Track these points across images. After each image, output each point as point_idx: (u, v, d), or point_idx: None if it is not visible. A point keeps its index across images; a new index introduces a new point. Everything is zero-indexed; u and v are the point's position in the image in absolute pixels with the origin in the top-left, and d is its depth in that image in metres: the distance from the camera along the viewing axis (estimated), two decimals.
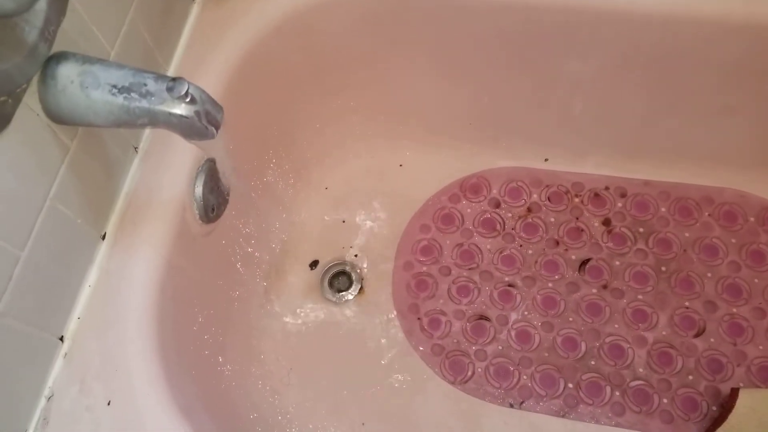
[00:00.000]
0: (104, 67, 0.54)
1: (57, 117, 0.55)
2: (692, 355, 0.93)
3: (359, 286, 1.00)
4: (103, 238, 0.65)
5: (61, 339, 0.60)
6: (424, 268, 1.01)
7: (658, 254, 1.00)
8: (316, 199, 1.05)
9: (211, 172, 0.74)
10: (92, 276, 0.63)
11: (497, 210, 1.04)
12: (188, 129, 0.54)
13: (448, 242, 1.03)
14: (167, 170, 0.70)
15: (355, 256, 1.02)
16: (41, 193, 0.55)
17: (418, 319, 0.98)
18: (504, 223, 1.04)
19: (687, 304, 0.97)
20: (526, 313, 0.97)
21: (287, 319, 0.97)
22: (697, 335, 0.95)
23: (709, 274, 0.98)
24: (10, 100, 0.48)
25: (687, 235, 1.01)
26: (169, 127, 0.54)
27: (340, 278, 1.01)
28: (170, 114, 0.53)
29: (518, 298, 0.98)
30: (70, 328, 0.61)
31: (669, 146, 1.01)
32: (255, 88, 0.84)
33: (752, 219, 1.00)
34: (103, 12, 0.61)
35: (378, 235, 1.03)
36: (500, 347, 0.95)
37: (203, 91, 0.55)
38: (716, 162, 1.01)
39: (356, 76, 0.96)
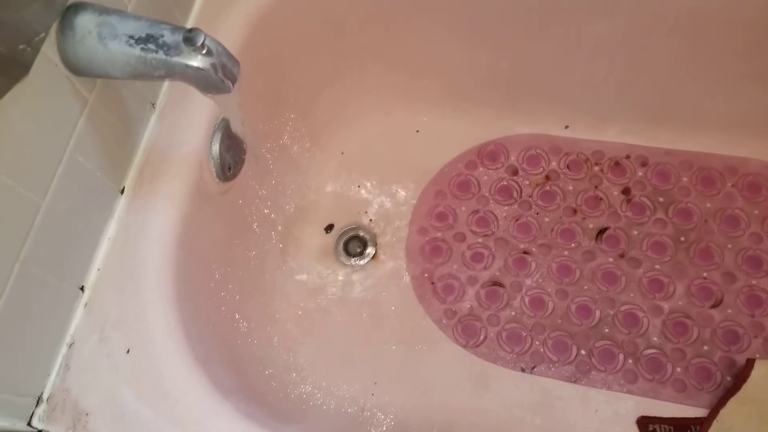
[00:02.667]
0: (121, 18, 0.54)
1: (75, 68, 0.56)
2: (708, 326, 0.93)
3: (374, 251, 1.00)
4: (122, 192, 0.67)
5: (82, 289, 0.62)
6: (439, 234, 1.01)
7: (677, 224, 0.98)
8: (332, 164, 1.05)
9: (227, 131, 0.74)
10: (111, 229, 0.65)
11: (514, 177, 1.04)
12: (204, 82, 0.55)
13: (463, 209, 1.02)
14: (184, 127, 0.71)
15: (370, 221, 1.02)
16: (60, 143, 0.56)
17: (432, 283, 0.98)
18: (521, 190, 1.03)
19: (705, 274, 0.96)
20: (540, 280, 0.97)
21: (302, 281, 0.98)
22: (714, 306, 0.94)
23: (729, 246, 0.97)
24: (28, 48, 0.49)
25: (708, 205, 0.99)
26: (185, 79, 0.54)
27: (354, 242, 1.01)
28: (186, 66, 0.53)
29: (533, 265, 0.98)
30: (90, 279, 0.63)
31: (693, 114, 0.99)
32: (272, 47, 0.84)
33: None
34: None
35: (393, 200, 1.03)
36: (513, 313, 0.96)
37: (219, 44, 0.55)
38: (742, 131, 0.99)
39: (374, 37, 0.95)
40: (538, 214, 1.01)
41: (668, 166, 1.02)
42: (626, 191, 1.01)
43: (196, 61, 0.53)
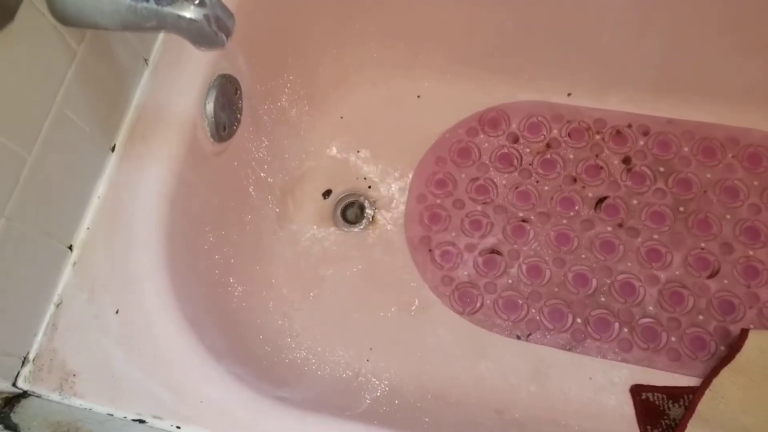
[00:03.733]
0: None
1: (63, 17, 0.52)
2: (704, 296, 0.91)
3: (371, 217, 0.98)
4: (113, 150, 0.64)
5: (70, 248, 0.60)
6: (438, 201, 0.99)
7: (677, 194, 0.96)
8: (330, 128, 1.02)
9: (222, 89, 0.71)
10: (101, 187, 0.62)
11: (515, 145, 1.01)
12: (197, 34, 0.51)
13: (463, 176, 1.00)
14: (178, 85, 0.67)
15: (369, 187, 1.00)
16: (48, 96, 0.52)
17: (429, 250, 0.96)
18: (521, 158, 1.00)
19: (703, 245, 0.93)
20: (538, 248, 0.95)
21: (299, 246, 0.96)
22: (710, 276, 0.92)
23: (728, 216, 0.94)
24: None
25: (708, 176, 0.97)
26: (177, 31, 0.51)
27: (352, 208, 0.99)
28: (179, 17, 0.50)
29: (531, 233, 0.96)
30: (80, 238, 0.60)
31: (695, 84, 0.95)
32: (272, 9, 0.80)
33: None
34: None
35: (392, 166, 1.00)
36: (510, 281, 0.94)
37: (218, 7, 0.51)
38: (744, 102, 0.96)
39: (376, 1, 0.91)
40: (537, 182, 0.99)
41: (670, 136, 0.99)
42: (627, 160, 0.99)
43: (189, 12, 0.50)
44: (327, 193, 0.99)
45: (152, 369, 0.55)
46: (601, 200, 0.97)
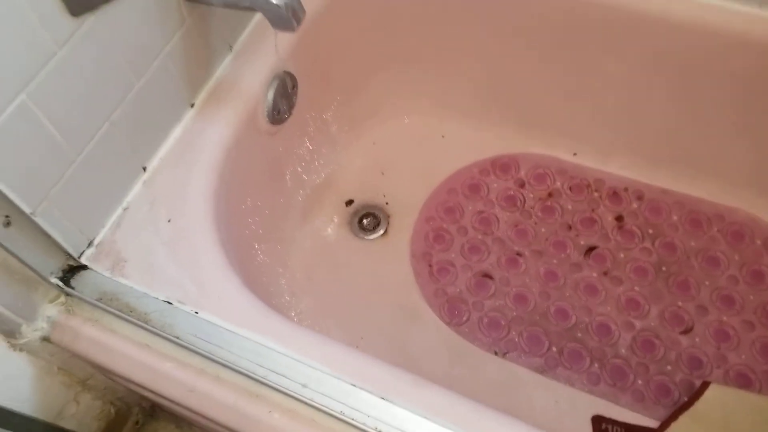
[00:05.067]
0: None
1: None
2: (675, 349, 1.03)
3: (384, 229, 1.15)
4: (192, 106, 0.84)
5: (144, 169, 0.79)
6: (444, 225, 1.16)
7: (661, 255, 1.11)
8: (363, 149, 1.22)
9: (283, 82, 0.92)
10: (177, 131, 0.82)
11: (521, 189, 1.19)
12: (276, 16, 0.73)
13: (470, 208, 1.17)
14: (251, 70, 0.89)
15: (386, 203, 1.18)
16: (159, 45, 0.74)
17: (429, 265, 1.12)
18: (524, 201, 1.17)
19: (680, 303, 1.07)
20: (527, 280, 1.10)
21: (317, 241, 1.13)
22: (683, 332, 1.05)
23: (706, 282, 1.08)
24: None
25: (693, 244, 1.12)
26: (263, 11, 0.73)
27: (369, 219, 1.17)
28: (267, 0, 0.72)
29: (523, 266, 1.11)
30: (153, 163, 0.80)
31: (690, 159, 1.13)
32: (333, 34, 1.03)
33: (759, 242, 1.10)
34: None
35: (410, 190, 1.19)
36: (497, 303, 1.08)
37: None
38: (733, 182, 1.12)
39: (418, 46, 1.14)
40: (536, 224, 1.15)
41: (662, 204, 1.15)
42: (619, 218, 1.15)
43: (275, 1, 0.72)
44: (349, 202, 1.18)
45: (185, 267, 0.72)
46: (591, 249, 1.12)
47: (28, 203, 0.62)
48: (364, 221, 1.17)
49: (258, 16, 0.93)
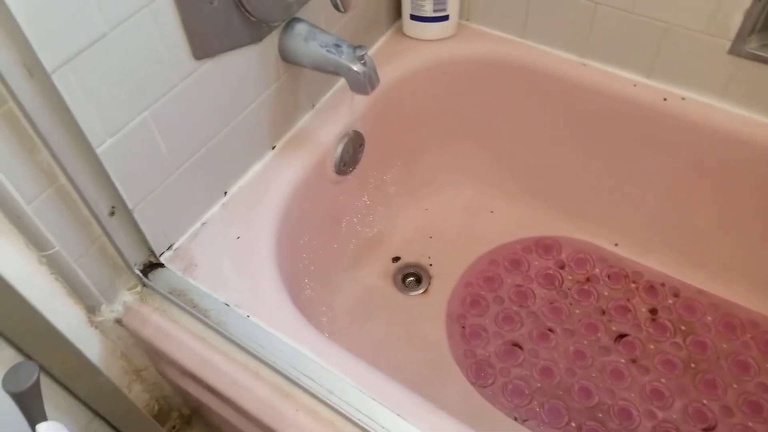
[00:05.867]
0: (321, 32, 0.90)
1: (284, 53, 0.91)
2: None
3: (425, 288, 1.25)
4: (273, 148, 1.00)
5: (225, 193, 0.94)
6: (482, 292, 1.24)
7: (691, 352, 1.15)
8: (415, 212, 1.34)
9: (352, 140, 1.07)
10: (258, 166, 0.97)
11: (560, 270, 1.27)
12: (355, 81, 0.88)
13: (509, 280, 1.26)
14: (326, 126, 1.04)
15: (430, 265, 1.28)
16: (256, 93, 0.90)
17: (462, 327, 1.20)
18: (563, 282, 1.25)
19: (705, 401, 1.10)
20: (556, 356, 1.16)
21: (361, 289, 1.24)
22: (705, 429, 1.07)
23: (734, 385, 1.11)
24: (265, 26, 0.85)
25: (724, 346, 1.15)
26: (345, 75, 0.88)
27: (412, 277, 1.27)
28: (349, 67, 0.87)
29: (554, 341, 1.17)
30: (233, 190, 0.94)
31: (727, 264, 1.19)
32: (402, 105, 1.19)
33: None
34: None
35: (454, 256, 1.29)
36: (524, 372, 1.14)
37: (372, 63, 0.89)
38: None
39: (478, 128, 1.28)
40: (571, 304, 1.22)
41: (697, 303, 1.20)
42: (653, 311, 1.20)
43: (356, 66, 0.87)
44: (396, 259, 1.29)
45: (245, 278, 0.84)
46: (621, 336, 1.18)
47: (131, 200, 0.77)
48: (407, 279, 1.27)
49: (340, 84, 1.09)
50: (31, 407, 0.65)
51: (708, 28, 0.97)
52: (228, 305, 0.81)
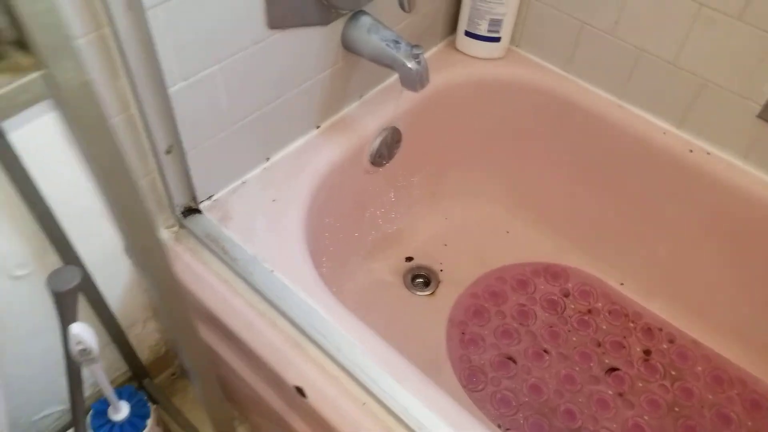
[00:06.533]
0: (384, 27, 0.98)
1: (345, 41, 0.99)
2: None
3: (432, 291, 1.31)
4: (317, 127, 1.07)
5: (267, 159, 1.00)
6: (486, 305, 1.30)
7: (677, 396, 1.19)
8: (434, 220, 1.40)
9: (391, 134, 1.14)
10: (300, 141, 1.04)
11: (564, 298, 1.32)
12: (407, 77, 0.95)
13: (514, 298, 1.31)
14: (368, 117, 1.11)
15: (441, 270, 1.34)
16: (314, 72, 0.98)
17: (462, 333, 1.25)
18: (564, 309, 1.30)
19: None
20: (547, 376, 1.21)
21: (372, 279, 1.29)
22: None
23: None
24: (335, 12, 0.93)
25: (710, 397, 1.19)
26: (399, 70, 0.95)
27: (421, 279, 1.33)
28: (404, 63, 0.94)
29: (547, 362, 1.22)
30: (275, 158, 1.01)
31: (726, 319, 1.24)
32: (443, 113, 1.26)
33: None
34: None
35: (465, 266, 1.35)
36: (514, 385, 1.19)
37: (426, 63, 0.96)
38: (760, 353, 1.21)
39: (509, 151, 1.35)
40: (569, 331, 1.27)
41: (690, 352, 1.25)
42: (647, 352, 1.25)
43: (411, 63, 0.94)
44: (409, 259, 1.35)
45: (274, 236, 0.91)
46: (613, 369, 1.22)
47: (187, 143, 0.84)
48: (416, 279, 1.33)
49: (389, 81, 1.17)
50: (67, 308, 0.71)
51: (742, 89, 1.04)
52: (255, 257, 0.87)
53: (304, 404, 0.77)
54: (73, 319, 0.71)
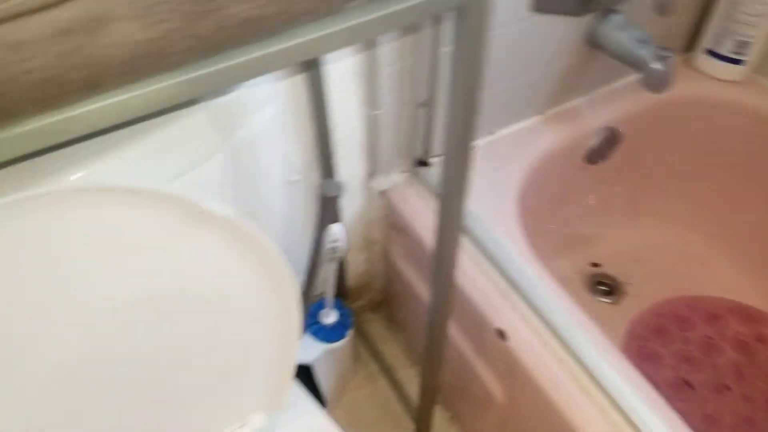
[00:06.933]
0: (633, 27, 1.02)
1: (593, 35, 1.05)
2: None
3: (613, 300, 1.31)
4: (542, 114, 1.14)
5: (491, 132, 1.09)
6: (670, 327, 1.27)
7: None
8: (630, 233, 1.41)
9: (610, 136, 1.18)
10: (522, 123, 1.12)
11: (758, 342, 1.26)
12: (651, 77, 0.99)
13: (701, 328, 1.28)
14: (594, 115, 1.16)
15: (628, 284, 1.34)
16: (556, 59, 1.05)
17: (639, 347, 1.24)
18: (757, 353, 1.24)
19: None
20: (724, 410, 1.16)
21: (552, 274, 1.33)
22: None
23: None
24: (592, 6, 0.99)
25: None
26: (644, 70, 0.99)
27: (604, 287, 1.34)
28: (650, 62, 0.98)
29: (728, 398, 1.18)
30: (499, 133, 1.10)
31: None
32: (663, 129, 1.26)
33: None
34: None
35: (655, 286, 1.34)
36: (685, 409, 1.14)
37: (673, 66, 0.99)
38: None
39: (722, 180, 1.31)
40: (758, 376, 1.21)
41: None
42: None
43: (658, 64, 0.98)
44: (595, 264, 1.36)
45: (492, 198, 0.99)
46: None
47: (440, 102, 0.95)
48: (599, 285, 1.34)
49: (622, 83, 1.20)
50: (329, 211, 0.85)
51: None
52: (472, 212, 0.96)
53: (502, 349, 0.83)
54: (335, 221, 0.85)
